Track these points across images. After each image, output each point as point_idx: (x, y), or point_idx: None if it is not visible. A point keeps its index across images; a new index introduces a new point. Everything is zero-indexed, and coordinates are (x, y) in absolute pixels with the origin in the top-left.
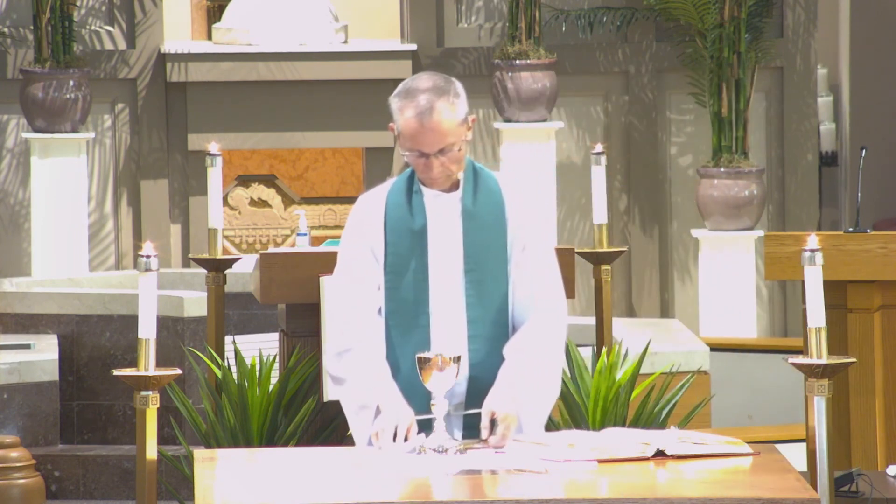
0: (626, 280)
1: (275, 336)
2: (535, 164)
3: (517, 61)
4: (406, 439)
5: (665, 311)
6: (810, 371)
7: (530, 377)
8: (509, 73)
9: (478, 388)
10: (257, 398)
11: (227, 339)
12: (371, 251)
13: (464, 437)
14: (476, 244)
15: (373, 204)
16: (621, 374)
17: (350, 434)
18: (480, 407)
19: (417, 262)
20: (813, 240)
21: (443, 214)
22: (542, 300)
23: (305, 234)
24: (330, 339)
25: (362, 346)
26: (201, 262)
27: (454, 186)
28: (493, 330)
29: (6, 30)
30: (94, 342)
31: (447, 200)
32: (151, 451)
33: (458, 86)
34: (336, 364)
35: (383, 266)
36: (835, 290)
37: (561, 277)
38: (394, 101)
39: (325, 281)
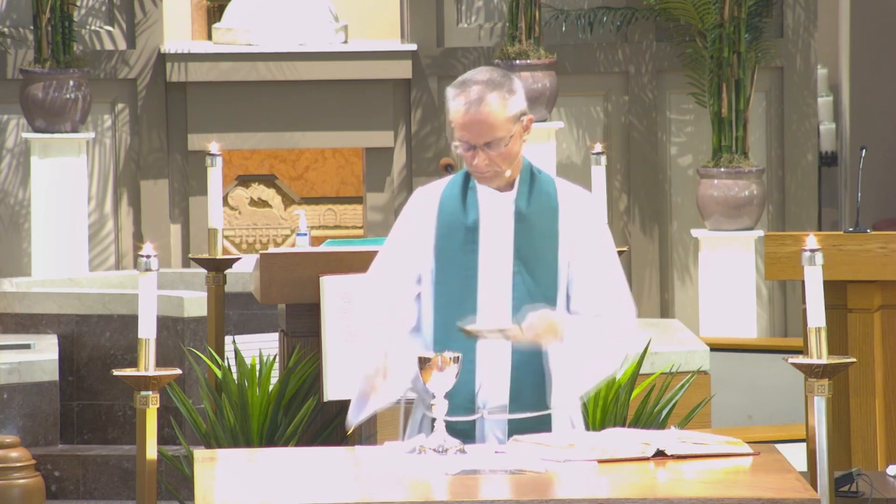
0: (626, 280)
1: (275, 336)
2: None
3: (517, 61)
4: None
5: (665, 311)
6: (810, 371)
7: (583, 336)
8: None
9: (520, 391)
10: (257, 398)
11: (227, 339)
12: (418, 243)
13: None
14: (526, 246)
15: (427, 197)
16: (621, 374)
17: (349, 434)
18: (523, 411)
19: (467, 259)
20: (813, 240)
21: (496, 213)
22: (609, 305)
23: (305, 234)
24: (357, 331)
25: (382, 327)
26: (201, 262)
27: (509, 186)
28: None
29: (6, 30)
30: (94, 342)
31: (501, 199)
32: (151, 451)
33: (516, 83)
34: (360, 342)
35: (433, 259)
36: (835, 290)
37: (625, 280)
38: (449, 91)
39: (325, 281)
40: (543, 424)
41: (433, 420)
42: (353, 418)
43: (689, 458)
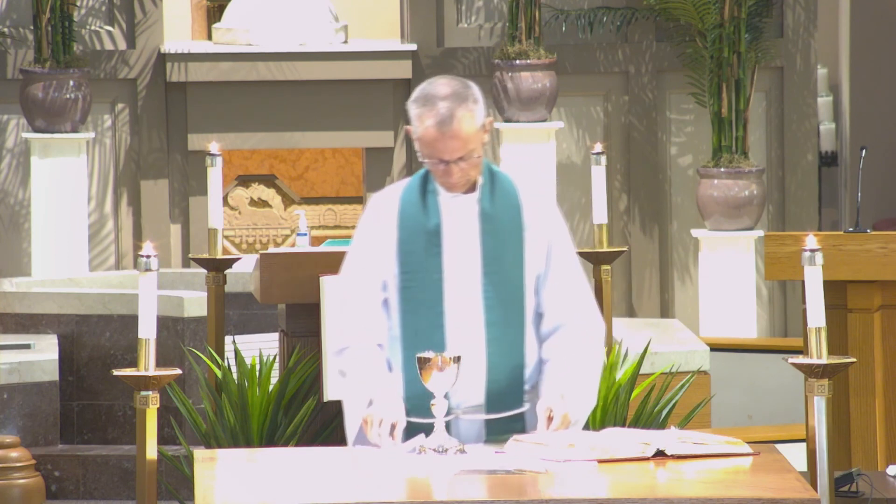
0: (626, 280)
1: (275, 336)
2: (535, 164)
3: (517, 61)
4: (392, 436)
5: (665, 311)
6: (810, 371)
7: (575, 379)
8: (509, 73)
9: (496, 391)
10: (257, 398)
11: (227, 339)
12: (381, 250)
13: (486, 441)
14: (494, 246)
15: (386, 203)
16: (621, 374)
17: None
18: (499, 410)
19: (432, 263)
20: (813, 240)
21: (459, 215)
22: (578, 308)
23: (305, 234)
24: (331, 338)
25: (359, 345)
26: (201, 262)
27: (471, 188)
28: (510, 333)
29: (6, 30)
30: (94, 342)
31: (464, 201)
32: (151, 451)
33: (476, 90)
34: (337, 360)
35: (397, 265)
36: (835, 290)
37: (587, 280)
38: (412, 108)
39: (325, 281)
40: (517, 422)
41: (409, 423)
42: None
43: (689, 458)
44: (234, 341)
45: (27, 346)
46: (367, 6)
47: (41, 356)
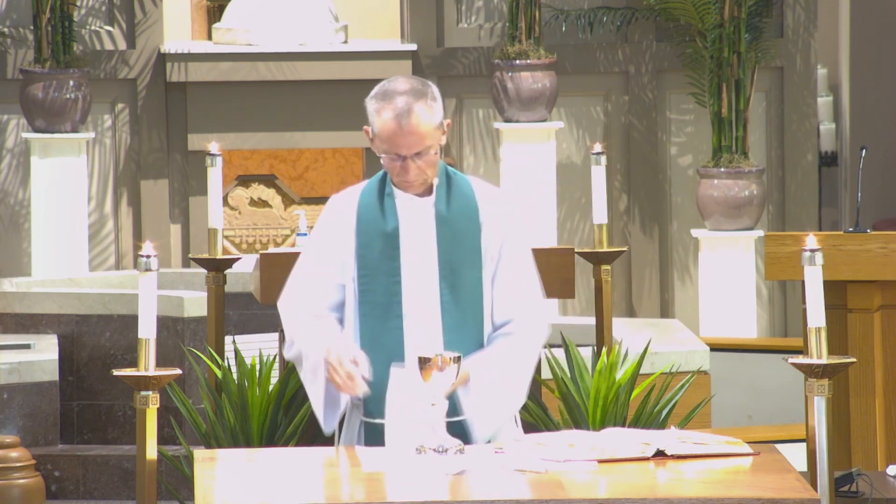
0: (626, 280)
1: (275, 336)
2: (535, 164)
3: (517, 61)
4: (355, 365)
5: (665, 311)
6: (810, 371)
7: (494, 373)
8: (509, 73)
9: (454, 395)
10: (257, 398)
11: (227, 339)
12: (337, 252)
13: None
14: (450, 249)
15: (344, 205)
16: (621, 374)
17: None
18: (458, 414)
19: (389, 266)
20: (813, 240)
21: (416, 218)
22: (523, 309)
23: (305, 234)
24: (296, 347)
25: (308, 325)
26: (201, 262)
27: (428, 191)
28: (468, 336)
29: (6, 30)
30: (94, 342)
31: (421, 204)
32: (151, 451)
33: (435, 89)
34: (290, 352)
35: (355, 268)
36: (835, 290)
37: (539, 281)
38: (370, 103)
39: None
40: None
41: (363, 423)
42: (332, 423)
43: (689, 458)
44: (234, 341)
45: (27, 346)
46: (367, 6)
47: (41, 356)
